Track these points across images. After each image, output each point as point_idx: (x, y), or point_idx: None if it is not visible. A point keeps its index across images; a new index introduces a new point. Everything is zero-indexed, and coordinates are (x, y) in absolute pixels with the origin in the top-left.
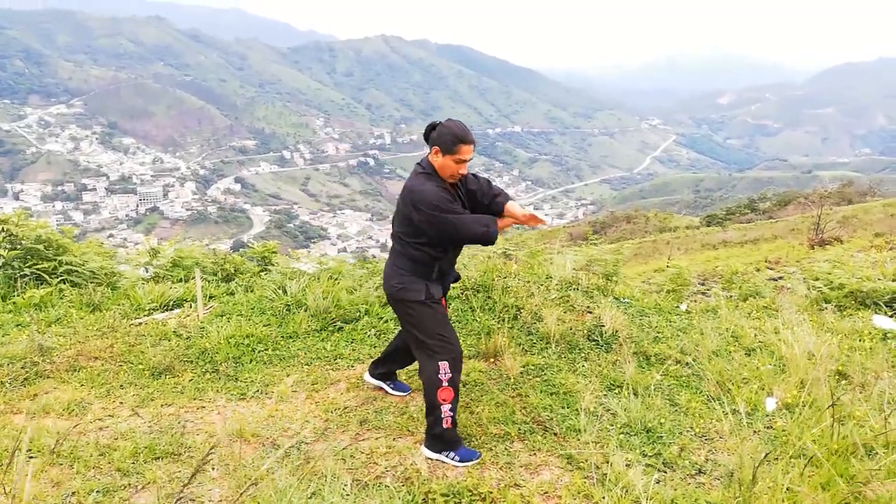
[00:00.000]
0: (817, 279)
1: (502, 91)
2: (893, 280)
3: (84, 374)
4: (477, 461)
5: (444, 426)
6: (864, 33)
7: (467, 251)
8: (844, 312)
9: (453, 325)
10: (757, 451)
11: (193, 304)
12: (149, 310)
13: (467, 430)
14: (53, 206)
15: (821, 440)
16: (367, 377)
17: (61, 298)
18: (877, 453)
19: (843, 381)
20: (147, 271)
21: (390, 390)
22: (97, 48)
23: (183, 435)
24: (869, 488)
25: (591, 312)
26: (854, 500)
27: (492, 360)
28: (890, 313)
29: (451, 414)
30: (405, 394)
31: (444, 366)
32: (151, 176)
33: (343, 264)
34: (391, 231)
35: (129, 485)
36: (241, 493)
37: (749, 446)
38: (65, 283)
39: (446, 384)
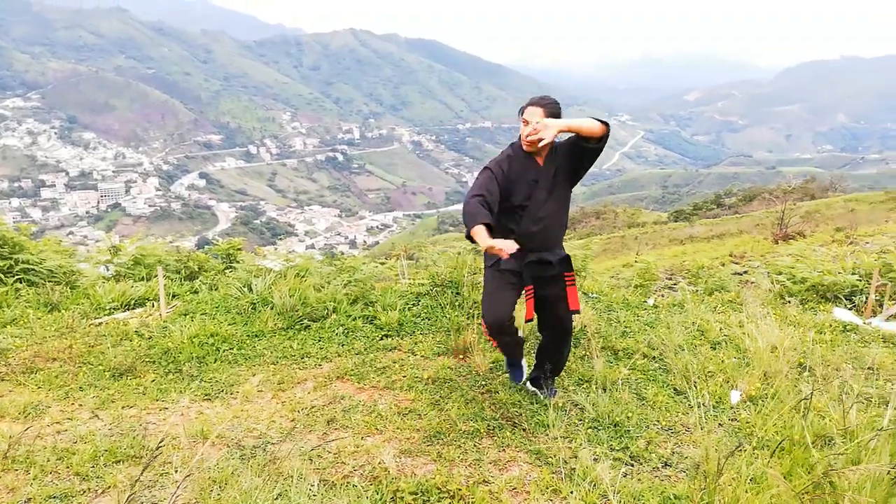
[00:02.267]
0: (780, 273)
1: (473, 86)
2: (853, 274)
3: (41, 375)
4: None
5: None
6: (827, 34)
7: (437, 247)
8: (807, 306)
9: (423, 321)
10: (722, 444)
11: (156, 303)
12: (109, 309)
13: (437, 427)
14: (10, 203)
15: (783, 431)
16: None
17: (17, 298)
18: (836, 443)
19: (806, 374)
20: (108, 270)
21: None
22: (56, 40)
23: (145, 437)
24: (829, 477)
25: None
26: (815, 489)
27: (461, 356)
28: (850, 306)
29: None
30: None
31: (484, 327)
32: (113, 171)
33: (310, 261)
34: None
35: (89, 489)
36: (204, 495)
37: (714, 439)
38: (21, 283)
39: (492, 339)
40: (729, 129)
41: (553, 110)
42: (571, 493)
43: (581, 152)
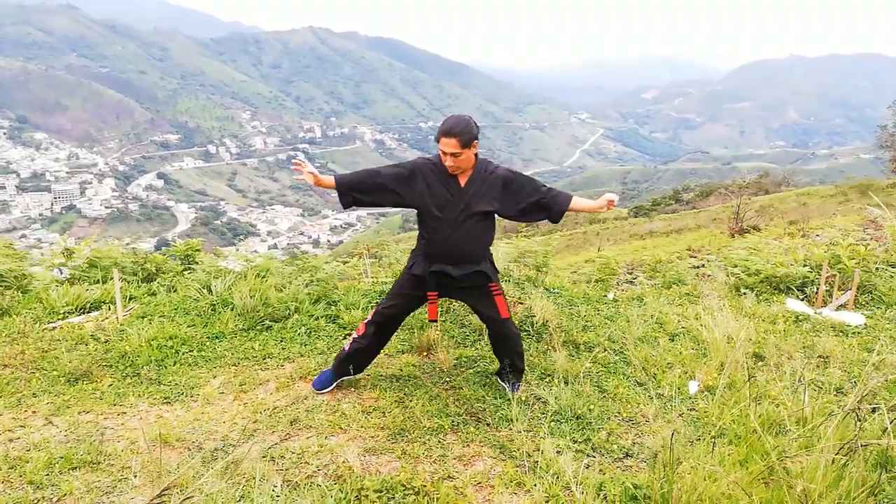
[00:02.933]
0: (736, 266)
1: (434, 85)
2: (804, 265)
3: None
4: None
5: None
6: (775, 33)
7: (401, 245)
8: (761, 297)
9: None
10: (680, 433)
11: (112, 306)
12: (63, 313)
13: (401, 425)
14: None
15: (739, 419)
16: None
17: None
18: (790, 429)
19: (760, 363)
20: (62, 273)
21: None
22: (2, 37)
23: (102, 443)
24: (783, 463)
25: (522, 303)
26: (769, 474)
27: (425, 353)
28: (802, 297)
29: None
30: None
31: (371, 313)
32: (67, 172)
33: (272, 261)
34: None
35: (44, 498)
36: (161, 499)
37: (673, 428)
38: None
39: (363, 325)
40: (686, 126)
41: (467, 138)
42: (535, 485)
43: (530, 208)
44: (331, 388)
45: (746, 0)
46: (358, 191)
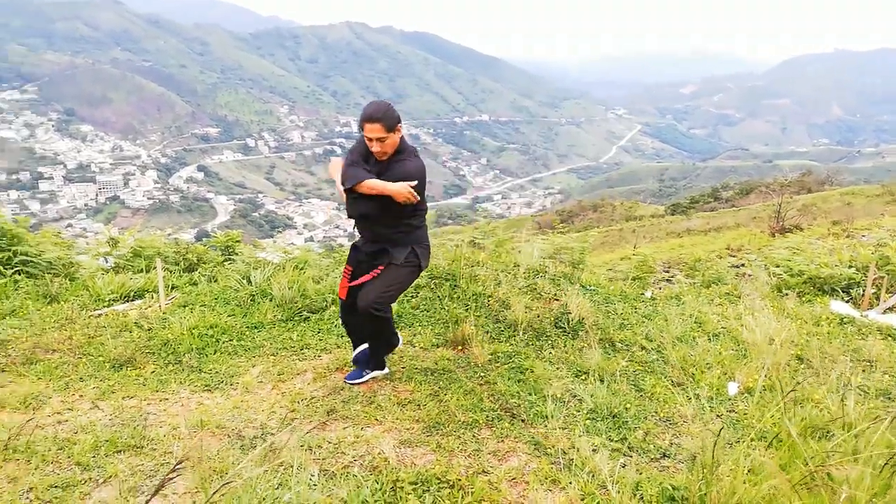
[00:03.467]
0: (778, 266)
1: (469, 79)
2: (850, 266)
3: (41, 366)
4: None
5: None
6: (821, 26)
7: (435, 240)
8: (803, 298)
9: (422, 313)
10: (719, 435)
11: (155, 295)
12: (109, 301)
13: (436, 418)
14: (8, 196)
15: (780, 423)
16: None
17: (16, 290)
18: (833, 434)
19: (803, 366)
20: (107, 261)
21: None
22: (52, 32)
23: (145, 428)
24: (826, 469)
25: (557, 300)
26: (812, 480)
27: (460, 348)
28: (847, 299)
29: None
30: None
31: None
32: (111, 164)
33: (309, 253)
34: None
35: (90, 479)
36: (205, 485)
37: (712, 430)
38: (20, 274)
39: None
40: (725, 122)
41: (390, 122)
42: (570, 483)
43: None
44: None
45: None
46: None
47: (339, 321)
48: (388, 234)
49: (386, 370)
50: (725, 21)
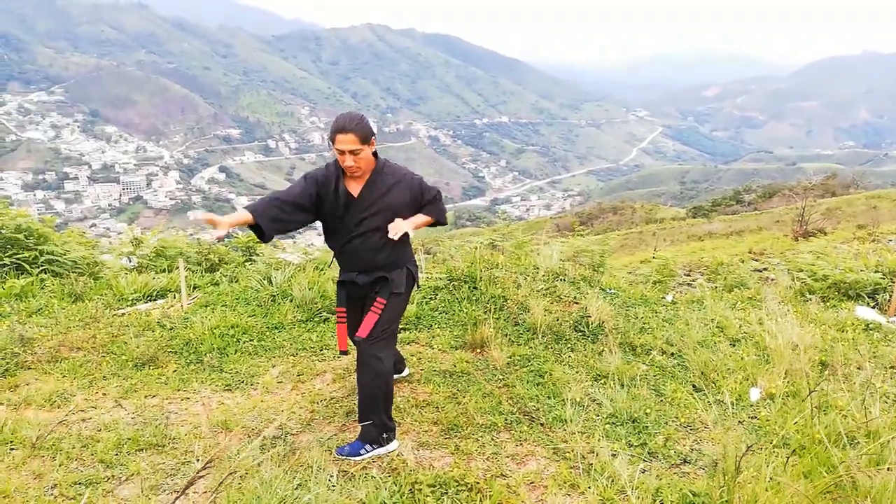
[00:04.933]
0: (801, 270)
1: (489, 81)
2: (876, 271)
3: (66, 364)
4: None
5: None
6: (848, 28)
7: (454, 242)
8: (828, 303)
9: (440, 315)
10: (741, 441)
11: (177, 295)
12: (132, 300)
13: (454, 420)
14: (34, 195)
15: (804, 430)
16: None
17: (42, 288)
18: (858, 442)
19: (826, 372)
20: (130, 261)
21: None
22: (78, 35)
23: (167, 426)
24: (851, 477)
25: (577, 303)
26: (836, 488)
27: (478, 350)
28: (872, 304)
29: None
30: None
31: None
32: (134, 165)
33: (329, 255)
34: None
35: (113, 476)
36: (222, 483)
37: (733, 436)
38: (46, 273)
39: None
40: (748, 124)
41: (364, 133)
42: (589, 488)
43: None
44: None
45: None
46: (279, 220)
47: None
48: (386, 259)
49: (394, 445)
50: (749, 23)
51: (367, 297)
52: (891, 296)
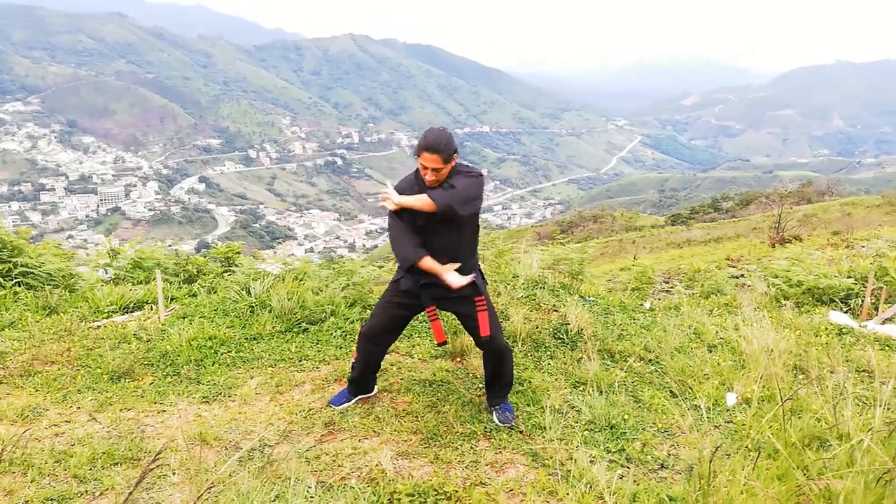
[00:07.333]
0: (776, 276)
1: (471, 91)
2: (848, 277)
3: (39, 378)
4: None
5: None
6: (822, 38)
7: None
8: (802, 309)
9: (420, 324)
10: (716, 446)
11: (154, 307)
12: (108, 312)
13: (434, 429)
14: (9, 207)
15: (778, 433)
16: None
17: (16, 301)
18: (831, 445)
19: (801, 376)
20: (107, 273)
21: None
22: (56, 45)
23: (143, 440)
24: (822, 479)
25: (556, 311)
26: (808, 490)
27: (458, 359)
28: (846, 309)
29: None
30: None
31: (359, 335)
32: (113, 175)
33: (308, 265)
34: None
35: (86, 492)
36: (200, 497)
37: (709, 441)
38: (20, 286)
39: (355, 349)
40: (726, 133)
41: (448, 153)
42: (567, 494)
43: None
44: (349, 403)
45: (791, 6)
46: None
47: (339, 333)
48: (468, 259)
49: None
50: (727, 33)
51: (449, 300)
52: (863, 301)
